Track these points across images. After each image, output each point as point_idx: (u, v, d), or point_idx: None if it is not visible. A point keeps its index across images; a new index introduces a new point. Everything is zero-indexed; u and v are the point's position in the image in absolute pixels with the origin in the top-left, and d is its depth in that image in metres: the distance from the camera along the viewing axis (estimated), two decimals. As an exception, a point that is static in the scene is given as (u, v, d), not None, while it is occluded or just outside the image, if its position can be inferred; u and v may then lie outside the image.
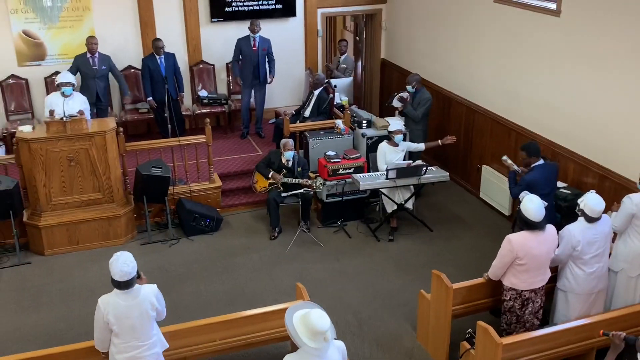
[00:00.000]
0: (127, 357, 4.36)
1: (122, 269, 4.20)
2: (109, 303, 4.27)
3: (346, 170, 7.82)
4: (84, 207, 7.31)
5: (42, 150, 6.96)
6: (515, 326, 5.31)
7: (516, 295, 5.21)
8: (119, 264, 4.21)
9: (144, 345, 4.40)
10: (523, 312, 5.24)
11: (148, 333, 4.41)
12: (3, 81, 8.98)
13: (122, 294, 4.28)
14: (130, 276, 4.23)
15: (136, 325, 4.32)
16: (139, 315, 4.31)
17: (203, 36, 9.76)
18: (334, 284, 6.76)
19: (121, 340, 4.34)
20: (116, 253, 4.31)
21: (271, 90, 9.87)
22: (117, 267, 4.21)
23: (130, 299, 4.29)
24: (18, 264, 7.09)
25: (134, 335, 4.34)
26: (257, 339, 5.22)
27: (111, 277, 4.26)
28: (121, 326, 4.28)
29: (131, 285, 4.28)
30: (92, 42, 8.48)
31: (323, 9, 10.29)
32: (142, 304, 4.32)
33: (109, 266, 4.25)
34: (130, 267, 4.24)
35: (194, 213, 7.66)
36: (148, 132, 9.73)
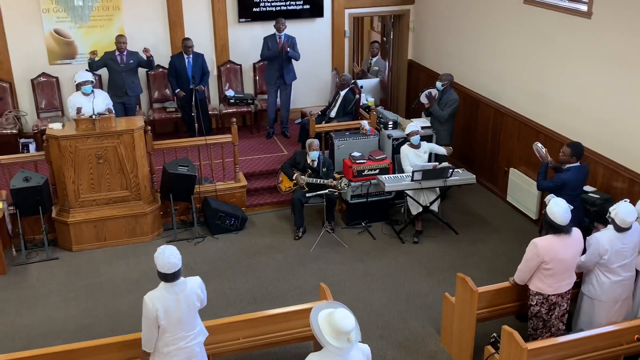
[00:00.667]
0: (174, 348, 4.41)
1: (170, 261, 4.24)
2: (157, 298, 4.30)
3: (371, 172, 7.79)
4: (111, 204, 7.41)
5: (72, 148, 7.07)
6: (542, 331, 5.25)
7: (543, 300, 5.14)
8: (166, 256, 4.25)
9: (189, 335, 4.45)
10: (550, 316, 5.18)
11: (193, 323, 4.47)
12: (34, 79, 9.14)
13: (169, 287, 4.32)
14: (177, 267, 4.28)
15: (184, 317, 4.37)
16: (186, 307, 4.36)
17: (231, 36, 9.82)
18: (357, 285, 6.74)
19: (169, 334, 4.38)
20: (160, 247, 4.35)
21: (297, 91, 9.88)
22: (164, 259, 4.24)
23: (177, 292, 4.33)
24: (46, 259, 7.20)
25: (181, 327, 4.39)
26: (280, 339, 5.23)
27: (158, 271, 4.29)
28: (170, 319, 4.32)
29: (178, 277, 4.32)
30: (121, 41, 8.59)
31: (350, 9, 10.28)
32: (190, 296, 4.37)
33: (155, 260, 4.28)
34: (177, 258, 4.28)
35: (219, 212, 7.71)
36: (175, 131, 9.82)
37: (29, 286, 6.75)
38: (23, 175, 7.06)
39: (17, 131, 8.86)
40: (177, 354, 4.43)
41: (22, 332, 6.03)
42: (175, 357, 4.43)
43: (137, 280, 6.76)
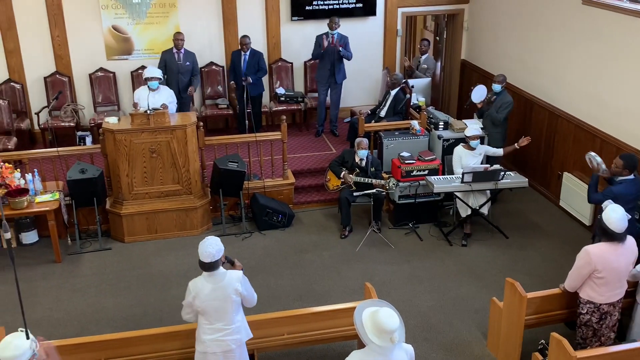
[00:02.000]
0: (211, 338, 4.51)
1: (207, 250, 4.38)
2: (196, 285, 4.46)
3: (420, 172, 7.73)
4: (163, 197, 7.56)
5: (126, 141, 7.24)
6: (592, 340, 5.11)
7: (594, 308, 5.00)
8: (206, 245, 4.41)
9: (227, 329, 4.53)
10: (600, 325, 5.04)
11: (231, 318, 4.54)
12: (92, 74, 9.40)
13: (208, 276, 4.45)
14: (213, 258, 4.39)
15: (219, 308, 4.46)
16: (222, 298, 4.45)
17: (283, 34, 9.88)
18: (403, 286, 6.70)
19: (206, 322, 4.51)
20: (206, 237, 4.49)
21: (347, 89, 9.88)
22: (203, 248, 4.40)
23: (215, 282, 4.44)
24: (99, 249, 7.41)
25: (217, 318, 4.49)
26: (324, 336, 5.25)
27: (198, 260, 4.43)
28: (206, 308, 4.45)
29: (215, 268, 4.43)
30: (178, 38, 8.76)
31: (404, 8, 10.21)
32: (226, 288, 4.45)
33: (198, 248, 4.43)
34: (215, 249, 4.40)
35: (267, 208, 7.78)
36: (226, 128, 9.96)
37: (82, 275, 6.95)
38: (79, 167, 7.27)
39: (75, 124, 9.13)
40: (211, 345, 4.52)
41: (74, 319, 6.22)
42: (210, 349, 4.53)
43: (185, 273, 6.88)
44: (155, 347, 4.91)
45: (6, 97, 8.90)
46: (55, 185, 7.42)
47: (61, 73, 9.28)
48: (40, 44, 9.15)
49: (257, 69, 9.13)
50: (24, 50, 9.12)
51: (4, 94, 9.01)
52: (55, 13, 9.02)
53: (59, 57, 9.24)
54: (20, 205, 6.83)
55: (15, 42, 9.03)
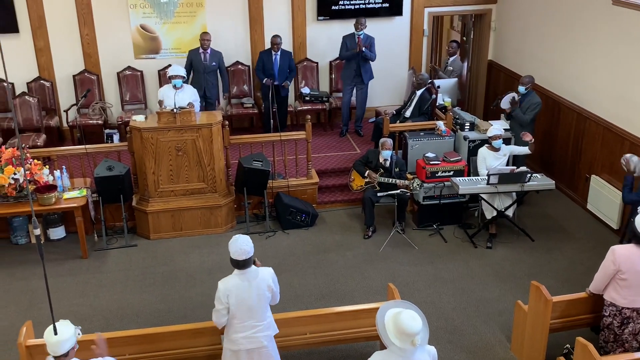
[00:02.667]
0: (243, 336, 4.51)
1: (242, 247, 4.36)
2: (229, 283, 4.43)
3: (445, 173, 7.68)
4: (188, 195, 7.62)
5: (153, 139, 7.32)
6: (613, 345, 5.03)
7: (616, 312, 4.93)
8: (239, 243, 4.38)
9: (259, 325, 4.54)
10: (622, 330, 4.96)
11: (263, 314, 4.55)
12: (120, 72, 9.51)
13: (241, 274, 4.43)
14: (248, 255, 4.38)
15: (254, 306, 4.46)
16: (256, 296, 4.45)
17: (309, 34, 9.90)
18: (426, 288, 6.66)
19: (238, 320, 4.48)
20: (234, 235, 4.48)
21: (372, 89, 9.85)
22: (236, 245, 4.37)
23: (249, 279, 4.43)
24: (125, 245, 7.50)
25: (250, 315, 4.49)
26: (346, 336, 5.25)
27: (230, 258, 4.41)
28: (240, 306, 4.43)
29: (248, 265, 4.42)
30: (205, 38, 8.82)
31: (430, 8, 10.15)
32: (260, 285, 4.46)
33: (228, 247, 4.41)
34: (249, 246, 4.39)
35: (291, 207, 7.80)
36: (251, 127, 10.00)
37: (108, 270, 7.04)
38: (107, 164, 7.37)
39: (103, 122, 9.25)
40: (243, 343, 4.52)
41: (99, 314, 6.31)
42: (242, 346, 4.52)
43: (210, 270, 6.93)
44: (179, 343, 4.95)
45: (36, 95, 9.05)
46: (83, 182, 7.52)
47: (90, 71, 9.40)
48: (69, 43, 9.29)
49: (289, 70, 9.16)
50: (53, 49, 9.27)
51: (33, 92, 9.16)
52: (84, 12, 9.15)
53: (87, 56, 9.37)
54: (48, 202, 6.94)
55: (45, 41, 9.19)
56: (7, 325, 6.07)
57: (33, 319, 5.29)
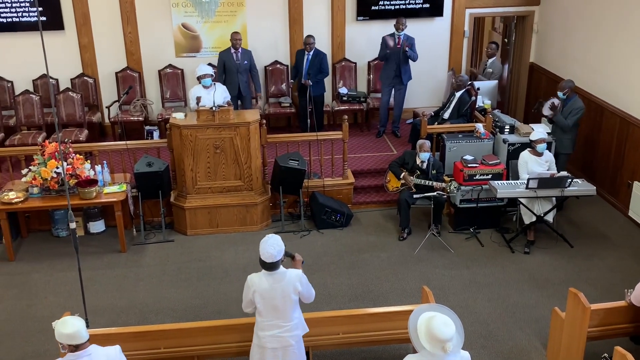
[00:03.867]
0: (269, 334, 4.53)
1: (269, 251, 4.37)
2: (255, 281, 4.46)
3: (483, 176, 7.58)
4: (225, 192, 7.69)
5: (192, 137, 7.41)
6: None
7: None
8: (267, 245, 4.38)
9: (285, 325, 4.55)
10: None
11: (290, 315, 4.56)
12: (161, 70, 9.66)
13: (268, 274, 4.44)
14: (274, 259, 4.38)
15: (279, 306, 4.47)
16: (281, 297, 4.46)
17: (348, 34, 9.89)
18: (461, 292, 6.59)
19: (264, 319, 4.52)
20: (267, 235, 4.48)
21: (411, 90, 9.80)
22: (265, 248, 4.38)
23: (275, 281, 4.44)
24: (163, 240, 7.61)
25: (276, 315, 4.50)
26: (379, 338, 5.22)
27: (259, 257, 4.43)
28: (264, 305, 4.46)
29: (275, 268, 4.42)
30: (236, 38, 8.88)
31: (472, 9, 10.04)
32: (286, 287, 4.46)
33: (259, 246, 4.42)
34: (277, 250, 4.38)
35: (326, 207, 7.80)
36: (288, 126, 10.04)
37: (145, 265, 7.16)
38: (146, 160, 7.49)
39: (144, 119, 9.41)
40: (270, 341, 4.54)
41: (136, 307, 6.41)
42: (269, 344, 4.55)
43: (244, 267, 6.99)
44: (214, 339, 5.00)
45: (79, 91, 9.25)
46: (123, 177, 7.67)
47: (132, 69, 9.57)
48: (112, 40, 9.47)
49: (319, 70, 9.17)
50: (97, 46, 9.46)
51: (77, 88, 9.37)
52: (128, 10, 9.31)
53: (130, 53, 9.54)
54: (89, 196, 7.09)
55: (89, 38, 9.39)
56: (47, 315, 6.22)
57: (71, 309, 5.41)
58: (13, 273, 6.99)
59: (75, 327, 3.81)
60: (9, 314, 6.30)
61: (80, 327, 3.82)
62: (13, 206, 7.02)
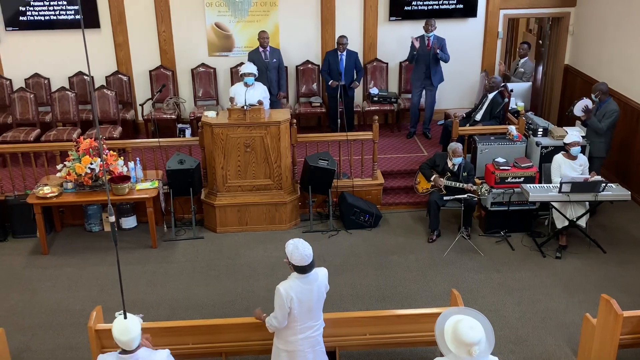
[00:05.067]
0: (302, 337, 4.51)
1: (306, 253, 4.31)
2: (291, 288, 4.37)
3: (515, 179, 7.49)
4: (254, 191, 7.74)
5: (223, 135, 7.47)
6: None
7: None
8: (301, 249, 4.31)
9: (315, 325, 4.56)
10: None
11: (319, 314, 4.58)
12: (194, 69, 9.76)
13: (302, 277, 4.38)
14: (311, 258, 4.35)
15: (313, 307, 4.47)
16: (316, 297, 4.46)
17: (380, 34, 9.85)
18: (491, 296, 6.52)
19: (298, 323, 4.47)
20: (290, 241, 4.40)
21: (442, 91, 9.74)
22: (300, 253, 4.30)
23: (310, 282, 4.42)
24: (193, 237, 7.69)
25: (310, 316, 4.49)
26: (406, 339, 5.20)
27: (293, 265, 4.35)
28: (301, 309, 4.41)
29: (312, 268, 4.40)
30: (264, 37, 8.92)
31: (506, 10, 9.92)
32: (320, 287, 4.48)
33: (289, 254, 4.34)
34: (311, 249, 4.37)
35: (355, 207, 7.79)
36: (318, 126, 10.06)
37: (175, 261, 7.24)
38: (178, 157, 7.58)
39: (176, 116, 9.52)
40: (302, 343, 4.53)
41: (166, 302, 6.49)
42: (301, 346, 4.53)
43: (273, 266, 7.02)
44: (242, 336, 5.04)
45: (114, 88, 9.40)
46: (155, 174, 7.76)
47: (165, 67, 9.69)
48: (147, 39, 9.60)
49: (356, 70, 9.17)
50: (132, 44, 9.60)
51: (111, 85, 9.52)
52: (162, 9, 9.43)
53: (164, 52, 9.66)
54: (122, 192, 7.20)
55: (124, 36, 9.53)
56: (79, 308, 6.34)
57: (103, 304, 5.50)
58: (47, 266, 7.14)
59: (130, 335, 3.74)
60: (42, 306, 6.43)
61: (134, 337, 3.76)
62: (48, 200, 7.17)
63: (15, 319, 6.20)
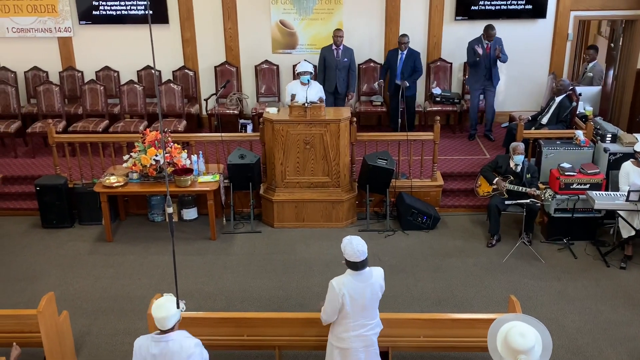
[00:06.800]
0: (354, 335, 4.52)
1: (359, 249, 4.35)
2: (344, 283, 4.41)
3: (581, 186, 7.26)
4: (312, 188, 7.78)
5: (283, 132, 7.54)
6: None
7: None
8: (354, 245, 4.36)
9: (370, 323, 4.56)
10: None
11: (374, 313, 4.57)
12: (258, 65, 9.88)
13: (356, 274, 4.41)
14: (366, 255, 4.38)
15: (367, 305, 4.47)
16: (370, 295, 4.46)
17: (445, 34, 9.73)
18: (550, 304, 6.35)
19: (350, 320, 4.48)
20: (345, 237, 4.45)
21: (508, 93, 9.53)
22: (353, 248, 4.35)
23: (363, 280, 4.43)
24: (250, 231, 7.79)
25: (363, 314, 4.50)
26: (460, 344, 5.12)
27: (346, 260, 4.40)
28: (354, 306, 4.43)
29: (366, 265, 4.42)
30: (338, 35, 8.95)
31: (577, 11, 9.62)
32: (374, 285, 4.47)
33: (343, 249, 4.40)
34: (365, 246, 4.39)
35: (413, 208, 7.72)
36: (378, 125, 10.02)
37: (233, 253, 7.36)
38: (239, 152, 7.71)
39: (238, 112, 9.67)
40: (355, 341, 4.53)
41: (222, 294, 6.61)
42: (353, 344, 4.53)
43: (328, 263, 7.04)
44: (295, 330, 5.08)
45: (180, 83, 9.62)
46: (217, 168, 7.91)
47: (230, 63, 9.85)
48: (213, 35, 9.78)
49: (413, 70, 9.09)
50: (198, 40, 9.80)
51: (178, 80, 9.75)
52: (229, 6, 9.59)
53: (229, 48, 9.82)
54: (184, 184, 7.37)
55: (191, 32, 9.74)
56: (140, 295, 6.53)
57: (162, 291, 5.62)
58: (110, 253, 7.39)
59: (164, 313, 3.92)
60: (105, 292, 6.66)
61: (168, 317, 3.91)
62: (113, 190, 7.41)
63: (79, 302, 6.45)
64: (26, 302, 6.34)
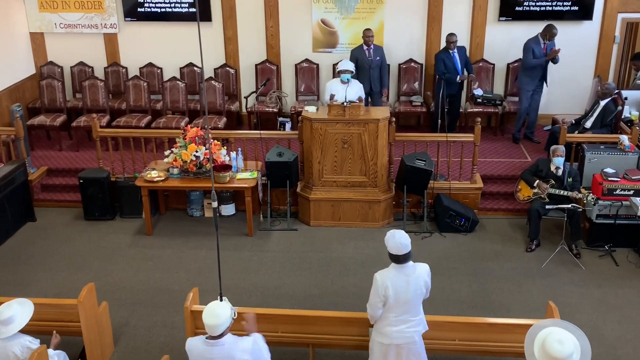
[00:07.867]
0: (396, 330, 4.53)
1: (401, 242, 4.39)
2: (387, 277, 4.46)
3: (624, 192, 7.09)
4: (349, 187, 7.78)
5: (322, 130, 7.55)
6: None
7: None
8: (397, 238, 4.41)
9: (413, 320, 4.55)
10: None
11: (417, 310, 4.57)
12: (298, 64, 9.92)
13: (399, 268, 4.45)
14: (408, 249, 4.41)
15: (410, 300, 4.48)
16: (413, 290, 4.46)
17: (488, 34, 9.60)
18: (589, 312, 6.22)
19: (394, 314, 4.51)
20: (389, 232, 4.50)
21: (551, 96, 9.36)
22: (396, 240, 4.41)
23: (407, 274, 4.45)
24: (287, 229, 7.83)
25: (406, 310, 4.50)
26: (496, 349, 5.07)
27: (389, 253, 4.46)
28: (397, 299, 4.45)
29: (408, 259, 4.44)
30: (368, 35, 8.91)
31: (625, 13, 9.39)
32: (418, 280, 4.47)
33: (386, 243, 4.46)
34: (408, 240, 4.42)
35: (451, 210, 7.65)
36: (418, 125, 9.95)
37: (269, 250, 7.41)
38: (277, 150, 7.75)
39: (278, 110, 9.72)
40: (397, 337, 4.52)
41: (257, 290, 6.66)
42: (395, 340, 4.53)
43: (363, 263, 7.03)
44: (330, 329, 5.09)
45: (221, 80, 9.73)
46: (255, 165, 7.97)
47: (270, 61, 9.91)
48: (255, 33, 9.85)
49: (467, 64, 9.07)
50: (240, 38, 9.89)
51: (219, 77, 9.86)
52: (271, 5, 9.65)
53: (270, 47, 9.88)
54: (223, 180, 7.45)
55: (234, 30, 9.83)
56: (177, 289, 6.63)
57: (199, 286, 5.72)
58: (150, 247, 7.52)
59: (217, 321, 3.86)
60: (143, 284, 6.78)
61: (220, 324, 3.86)
62: (154, 184, 7.54)
63: (118, 294, 6.58)
64: (67, 292, 6.50)
